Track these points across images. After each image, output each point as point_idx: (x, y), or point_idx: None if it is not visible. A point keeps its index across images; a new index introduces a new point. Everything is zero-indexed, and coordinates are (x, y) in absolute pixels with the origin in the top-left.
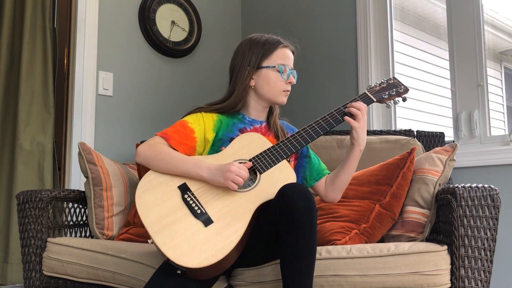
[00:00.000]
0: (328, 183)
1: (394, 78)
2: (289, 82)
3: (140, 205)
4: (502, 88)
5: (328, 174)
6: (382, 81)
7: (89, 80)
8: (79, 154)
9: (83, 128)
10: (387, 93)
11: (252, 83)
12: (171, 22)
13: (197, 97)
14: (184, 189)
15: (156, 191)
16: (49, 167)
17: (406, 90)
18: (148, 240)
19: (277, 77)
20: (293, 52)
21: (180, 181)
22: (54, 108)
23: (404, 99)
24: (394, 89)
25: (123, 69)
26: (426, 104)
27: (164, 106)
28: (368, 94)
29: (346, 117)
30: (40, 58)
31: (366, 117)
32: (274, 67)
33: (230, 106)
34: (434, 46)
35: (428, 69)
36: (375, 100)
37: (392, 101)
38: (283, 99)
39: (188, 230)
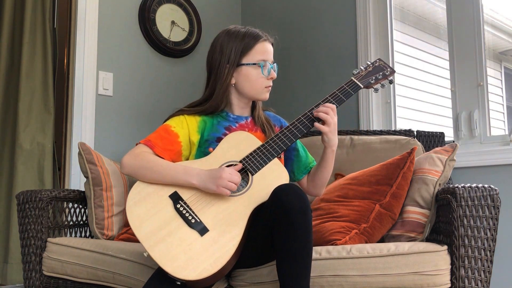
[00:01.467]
0: (309, 180)
1: (380, 59)
2: (270, 78)
3: (132, 219)
4: (502, 88)
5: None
6: (368, 64)
7: (89, 80)
8: (79, 154)
9: (83, 128)
10: (373, 77)
11: (233, 81)
12: (171, 22)
13: (197, 97)
14: (175, 198)
15: (147, 203)
16: (49, 167)
17: (393, 71)
18: (144, 253)
19: (258, 74)
20: (272, 44)
21: (170, 190)
22: (54, 108)
23: (390, 82)
24: (381, 72)
25: (123, 69)
26: (426, 104)
27: (164, 106)
28: (355, 80)
29: (316, 123)
30: (40, 58)
31: (336, 118)
32: (255, 64)
33: (212, 108)
34: (434, 46)
35: (428, 69)
36: (362, 86)
37: (379, 84)
38: (266, 95)
39: (184, 241)
